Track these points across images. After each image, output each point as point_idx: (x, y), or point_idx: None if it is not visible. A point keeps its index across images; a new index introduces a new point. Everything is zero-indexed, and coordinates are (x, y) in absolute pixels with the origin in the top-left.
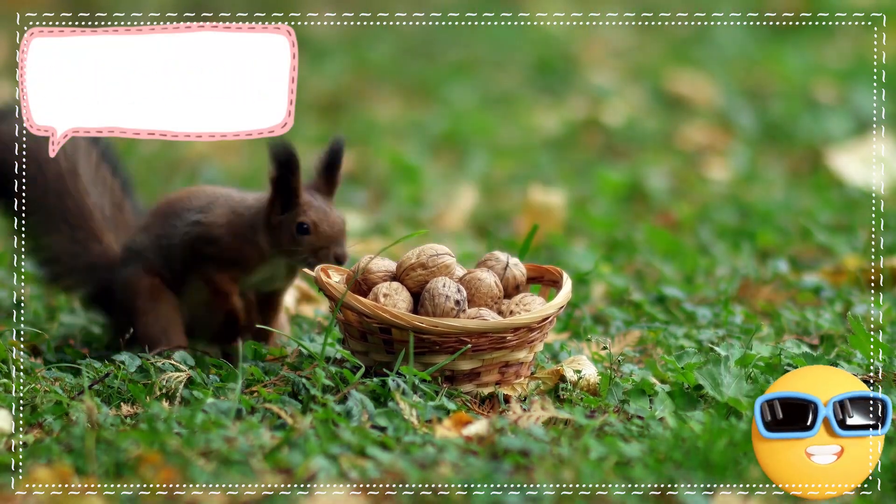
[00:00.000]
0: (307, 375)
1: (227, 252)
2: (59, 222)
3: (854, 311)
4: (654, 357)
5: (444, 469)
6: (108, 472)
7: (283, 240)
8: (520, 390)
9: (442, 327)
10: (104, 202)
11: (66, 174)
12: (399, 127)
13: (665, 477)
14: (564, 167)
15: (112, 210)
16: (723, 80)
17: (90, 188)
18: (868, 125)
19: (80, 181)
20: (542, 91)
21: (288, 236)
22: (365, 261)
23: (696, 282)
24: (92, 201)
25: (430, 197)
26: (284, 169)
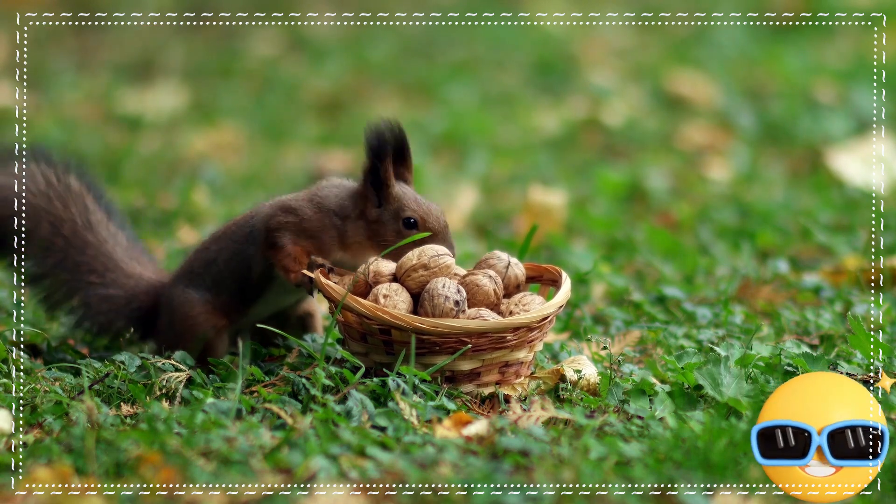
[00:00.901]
0: (307, 375)
1: (306, 223)
2: (87, 274)
3: (854, 311)
4: (654, 357)
5: (444, 469)
6: (108, 472)
7: (386, 233)
8: (520, 390)
9: (442, 328)
10: (117, 239)
11: (82, 228)
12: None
13: (665, 477)
14: (564, 167)
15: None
16: (723, 80)
17: (102, 232)
18: (868, 125)
19: (94, 229)
20: (542, 91)
21: (392, 230)
22: (372, 262)
23: (696, 282)
24: (110, 243)
25: (430, 196)
26: (377, 158)
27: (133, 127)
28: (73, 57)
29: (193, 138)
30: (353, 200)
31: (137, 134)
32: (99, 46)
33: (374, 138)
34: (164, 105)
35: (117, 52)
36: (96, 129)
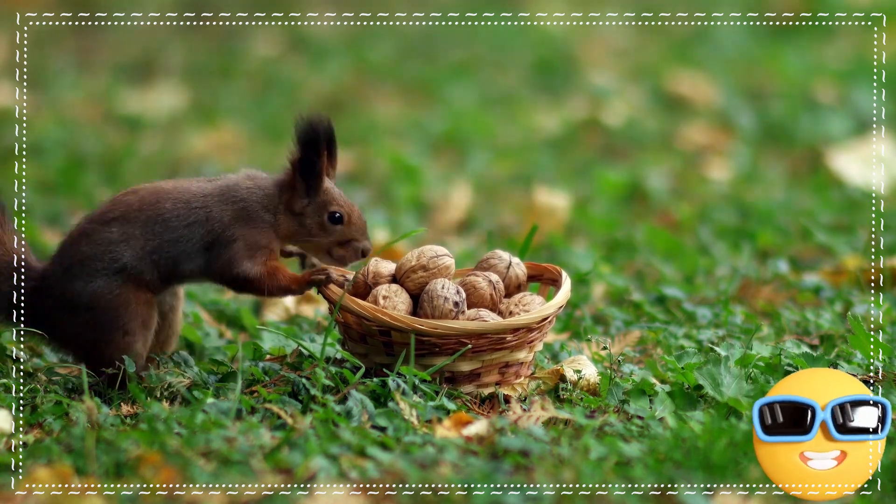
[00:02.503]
0: (307, 375)
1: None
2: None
3: (854, 311)
4: (654, 357)
5: (444, 469)
6: (108, 472)
7: (312, 227)
8: (520, 390)
9: (442, 329)
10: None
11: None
12: (399, 127)
13: (665, 477)
14: (564, 167)
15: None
16: (723, 80)
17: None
18: (868, 125)
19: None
20: (542, 91)
21: (316, 224)
22: (373, 263)
23: (696, 282)
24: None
25: (429, 196)
26: (312, 151)
27: (133, 127)
28: (73, 57)
29: (193, 138)
30: (278, 193)
31: (137, 134)
32: (99, 46)
33: (308, 130)
34: (164, 105)
35: (117, 52)
36: (96, 129)
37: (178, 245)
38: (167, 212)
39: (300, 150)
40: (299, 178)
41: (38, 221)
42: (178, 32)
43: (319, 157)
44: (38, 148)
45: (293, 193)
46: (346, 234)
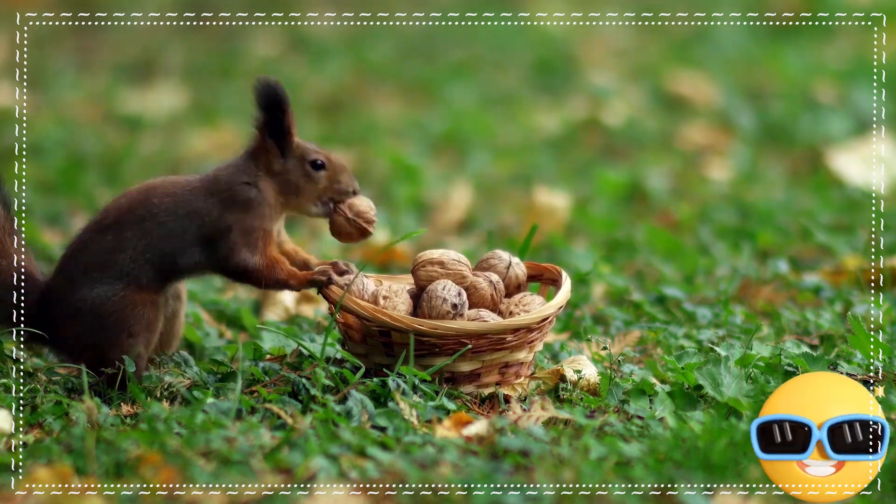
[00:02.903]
0: (307, 375)
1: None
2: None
3: (854, 311)
4: (654, 357)
5: (444, 469)
6: (108, 472)
7: (297, 180)
8: (520, 390)
9: (441, 329)
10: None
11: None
12: (399, 127)
13: (665, 477)
14: (564, 167)
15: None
16: (723, 80)
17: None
18: (868, 125)
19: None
20: (542, 91)
21: (301, 177)
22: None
23: (696, 282)
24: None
25: (429, 196)
26: (276, 110)
27: (133, 127)
28: (73, 57)
29: (193, 138)
30: (253, 162)
31: (137, 134)
32: (99, 46)
33: (268, 92)
34: (164, 105)
35: (117, 52)
36: (96, 129)
37: (171, 240)
38: (155, 206)
39: (264, 112)
40: (270, 141)
41: (38, 222)
42: (178, 32)
43: (285, 114)
44: (38, 148)
45: (268, 156)
46: (332, 177)
